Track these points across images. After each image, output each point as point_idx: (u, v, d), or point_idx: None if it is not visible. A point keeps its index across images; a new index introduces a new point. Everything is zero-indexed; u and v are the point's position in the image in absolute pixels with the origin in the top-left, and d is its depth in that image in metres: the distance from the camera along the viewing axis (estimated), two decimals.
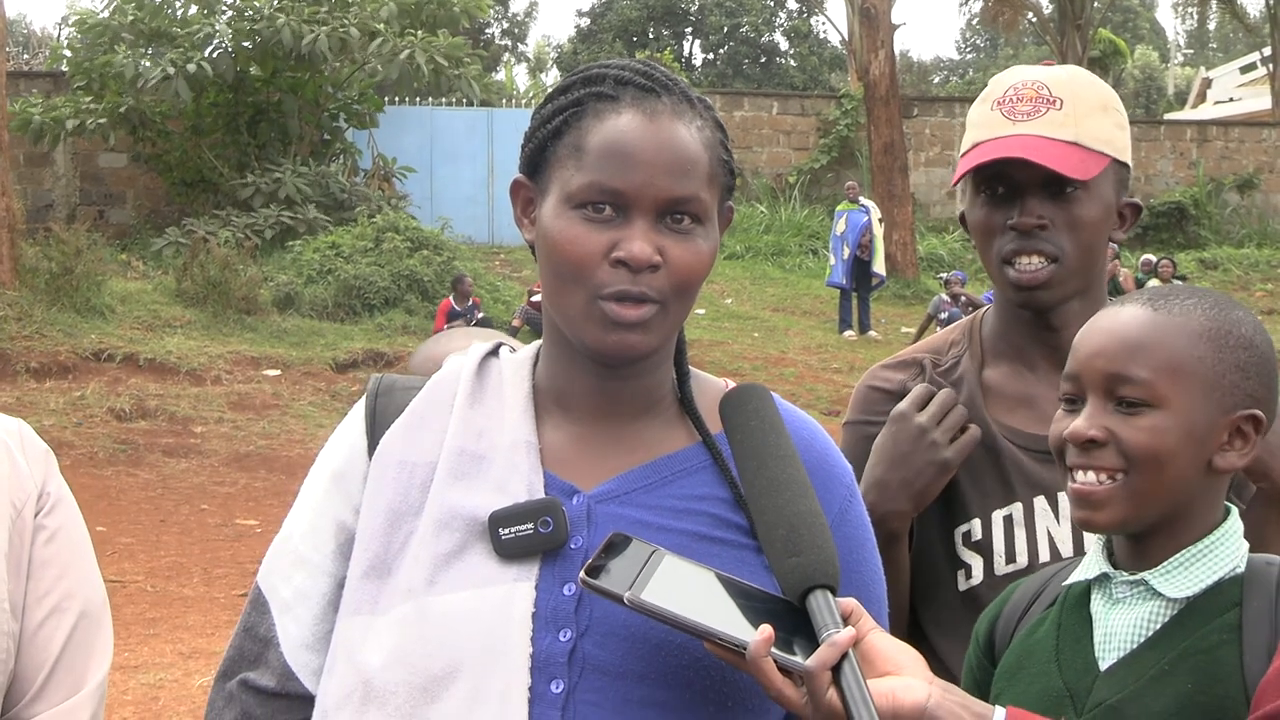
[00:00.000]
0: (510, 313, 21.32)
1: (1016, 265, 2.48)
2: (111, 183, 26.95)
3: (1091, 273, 2.54)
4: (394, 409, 1.99)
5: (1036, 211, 2.45)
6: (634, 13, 60.12)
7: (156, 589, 10.59)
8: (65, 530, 2.31)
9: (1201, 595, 1.94)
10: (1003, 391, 2.59)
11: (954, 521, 2.53)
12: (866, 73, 28.11)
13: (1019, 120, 2.49)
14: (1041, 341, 2.56)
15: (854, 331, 23.38)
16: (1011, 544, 2.48)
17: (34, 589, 2.25)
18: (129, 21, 24.37)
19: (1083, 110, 2.50)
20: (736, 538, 1.87)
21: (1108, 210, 2.52)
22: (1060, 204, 2.46)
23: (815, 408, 16.92)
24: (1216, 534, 1.97)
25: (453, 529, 1.85)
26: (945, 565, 2.53)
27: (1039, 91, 2.52)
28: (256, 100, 25.41)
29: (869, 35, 27.87)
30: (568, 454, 1.93)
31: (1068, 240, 2.47)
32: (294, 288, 20.78)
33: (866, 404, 2.66)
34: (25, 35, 50.09)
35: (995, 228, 2.50)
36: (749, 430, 1.91)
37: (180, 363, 17.55)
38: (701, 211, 1.87)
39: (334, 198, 24.50)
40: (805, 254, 29.02)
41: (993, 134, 2.50)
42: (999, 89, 2.56)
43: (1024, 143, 2.45)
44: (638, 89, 1.89)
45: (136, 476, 14.22)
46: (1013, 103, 2.52)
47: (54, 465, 2.34)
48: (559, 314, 1.91)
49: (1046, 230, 2.46)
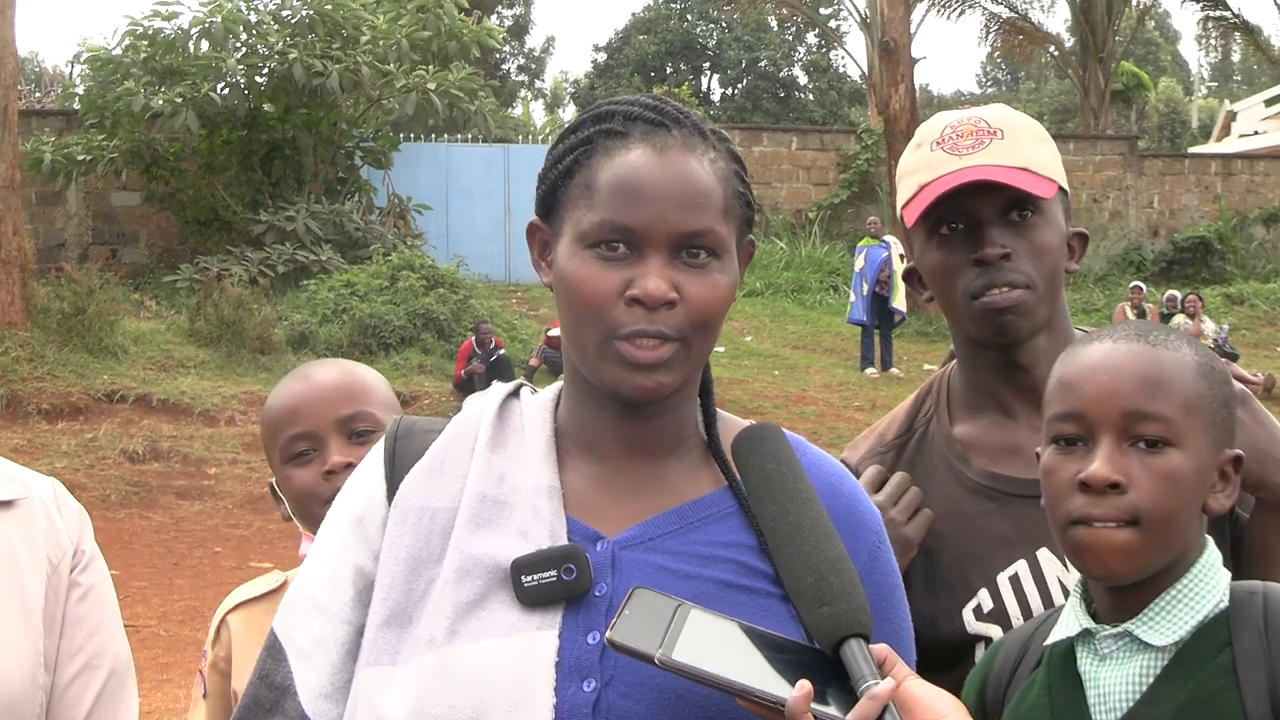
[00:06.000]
0: (528, 351, 21.30)
1: (986, 297, 2.42)
2: (124, 221, 27.00)
3: (1056, 303, 2.50)
4: (414, 452, 1.98)
5: (999, 241, 2.41)
6: (651, 48, 60.34)
7: (170, 633, 10.58)
8: (98, 588, 2.35)
9: (1190, 640, 1.89)
10: (985, 443, 2.54)
11: (958, 600, 2.46)
12: (887, 107, 28.12)
13: (965, 154, 2.46)
14: (1013, 383, 2.51)
15: (876, 369, 23.33)
16: (1025, 605, 2.41)
17: (66, 645, 2.28)
18: (141, 58, 24.43)
19: (1023, 139, 2.49)
20: (763, 586, 1.85)
21: (1063, 238, 2.50)
22: (1020, 232, 2.43)
23: (837, 447, 16.80)
24: (1194, 571, 1.92)
25: (474, 576, 1.83)
26: (957, 649, 2.44)
27: (977, 125, 2.50)
28: (270, 138, 25.44)
29: (889, 69, 27.91)
30: (591, 498, 1.92)
31: (1033, 267, 2.43)
32: (309, 327, 20.79)
33: None
34: (37, 73, 50.40)
35: (956, 266, 2.45)
36: (765, 473, 1.89)
37: (194, 403, 17.57)
38: (717, 245, 1.86)
39: (349, 236, 24.54)
40: (826, 291, 29.00)
41: (940, 171, 2.46)
42: (933, 131, 2.54)
43: (978, 171, 2.42)
44: (647, 124, 1.89)
45: (149, 519, 14.24)
46: (953, 140, 2.49)
47: (88, 524, 2.39)
48: (578, 355, 1.90)
49: (1010, 260, 2.41)
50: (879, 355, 23.65)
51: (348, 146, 26.51)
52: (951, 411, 2.61)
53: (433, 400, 18.83)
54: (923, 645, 2.07)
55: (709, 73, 63.97)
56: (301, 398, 2.78)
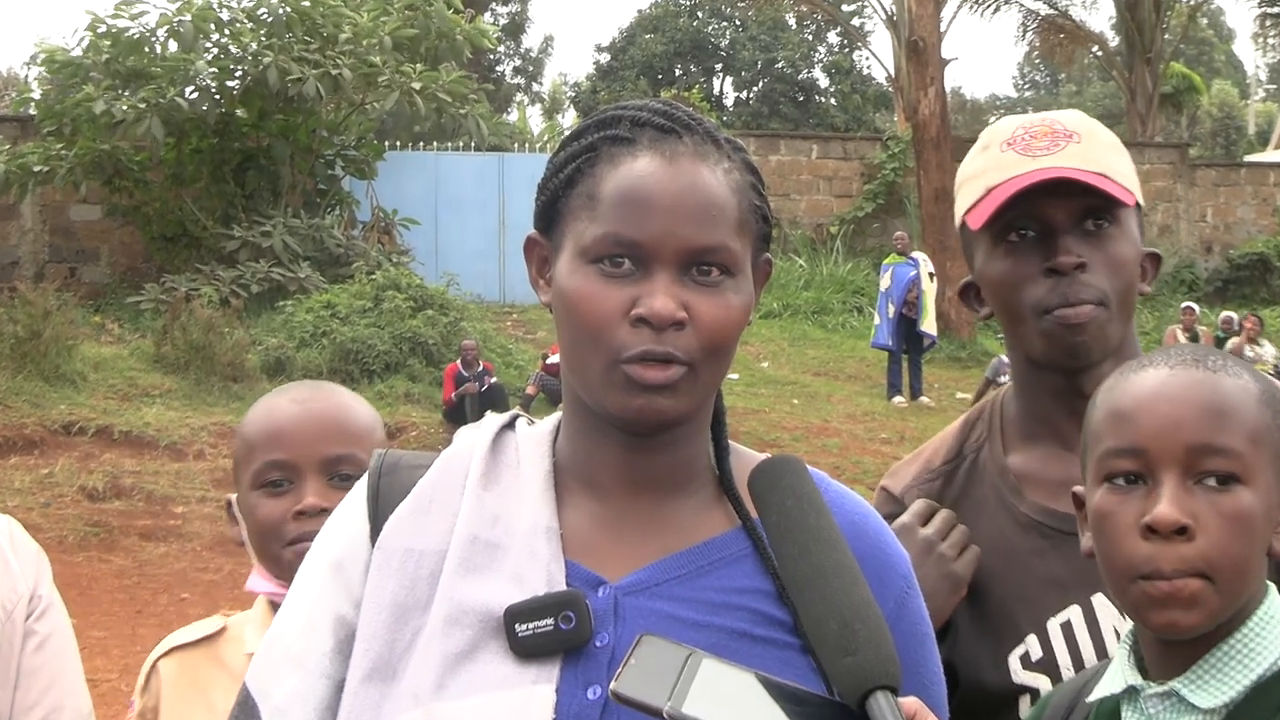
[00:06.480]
0: (524, 378, 21.30)
1: (1058, 312, 2.41)
2: (84, 237, 27.02)
3: (1128, 326, 2.50)
4: (399, 490, 1.97)
5: (1075, 250, 2.40)
6: (659, 48, 60.36)
7: (132, 688, 10.52)
8: (55, 637, 2.32)
9: (1242, 701, 1.84)
10: (1041, 476, 2.52)
11: (1004, 646, 2.44)
12: (915, 112, 28.19)
13: (1039, 155, 2.45)
14: (1074, 412, 2.45)
15: (904, 398, 23.29)
16: (1077, 654, 2.38)
17: (21, 699, 2.25)
18: (103, 60, 24.42)
19: (1102, 144, 2.49)
20: (780, 635, 1.84)
21: (1139, 254, 2.49)
22: (1096, 243, 2.42)
23: (861, 483, 16.85)
24: (1252, 623, 1.87)
25: (464, 625, 1.82)
26: (1001, 699, 2.42)
27: (1052, 127, 2.50)
28: (243, 146, 25.45)
29: (917, 71, 27.96)
30: (592, 540, 1.91)
31: (1108, 282, 2.41)
32: (285, 352, 20.80)
33: (882, 508, 2.59)
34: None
35: (1025, 277, 2.44)
36: (785, 511, 1.87)
37: (159, 436, 17.56)
38: (731, 262, 1.86)
39: (329, 253, 24.55)
40: (849, 312, 29.02)
41: (1011, 173, 2.45)
42: (1002, 133, 2.54)
43: (1055, 171, 2.41)
44: (656, 130, 1.89)
45: (110, 563, 14.21)
46: (1026, 140, 2.49)
47: (46, 567, 2.36)
48: (579, 381, 1.89)
49: (1085, 271, 2.40)
50: (907, 383, 23.60)
51: (328, 155, 26.51)
52: (1005, 439, 2.60)
53: (420, 432, 18.82)
54: (963, 693, 2.05)
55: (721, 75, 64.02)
56: (290, 422, 2.72)
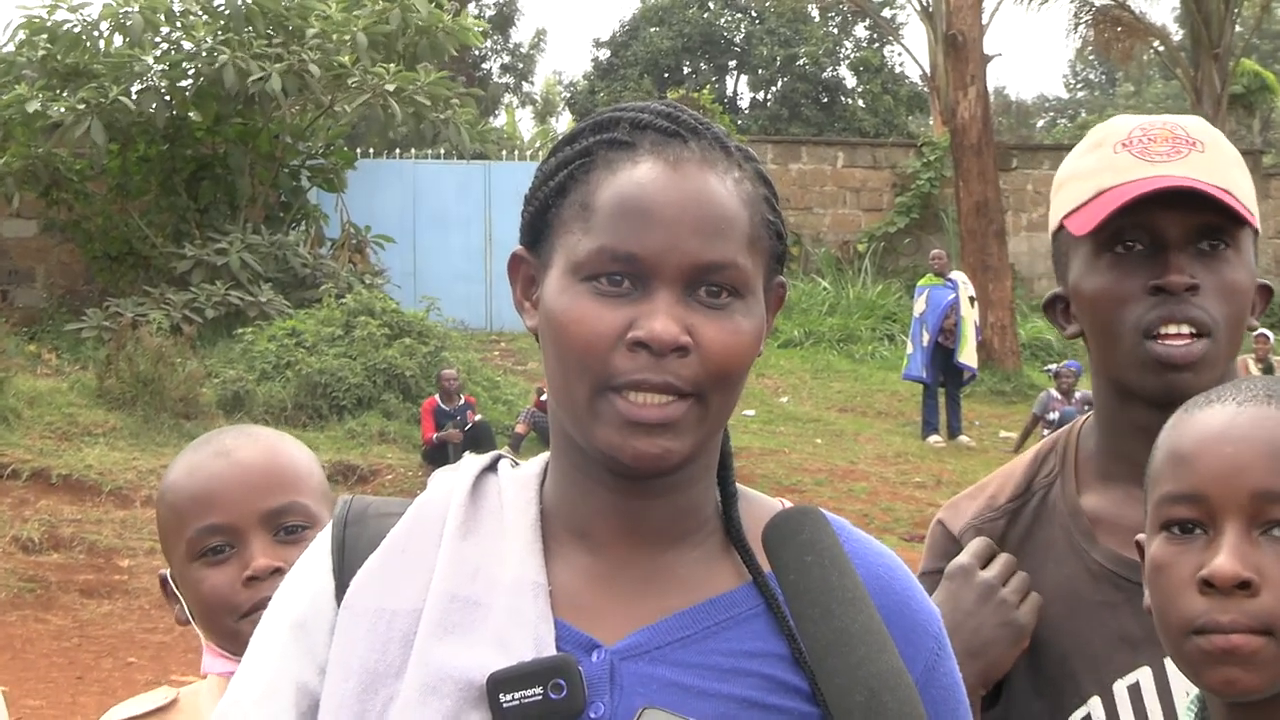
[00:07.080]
0: (513, 415, 21.30)
1: (1162, 338, 2.39)
2: (17, 256, 27.07)
3: (1232, 360, 2.49)
4: (367, 541, 1.96)
5: (1187, 269, 2.39)
6: (665, 43, 60.25)
7: None
8: None
9: None
10: (1118, 521, 2.49)
11: (1064, 708, 2.44)
12: (953, 115, 28.19)
13: (1158, 161, 2.44)
14: None
15: (941, 437, 23.26)
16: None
17: None
18: (39, 57, 24.44)
19: (1226, 159, 2.48)
20: (796, 704, 1.84)
21: (1253, 282, 2.48)
22: (1210, 265, 2.41)
23: (893, 532, 16.85)
24: None
25: (441, 695, 1.81)
26: None
27: (1174, 132, 2.49)
28: (197, 154, 25.50)
29: (956, 69, 27.98)
30: (585, 597, 1.90)
31: (1219, 309, 2.41)
32: (244, 385, 20.79)
33: (938, 547, 2.63)
34: None
35: (1129, 293, 2.43)
36: (804, 568, 1.88)
37: (102, 480, 17.54)
38: (740, 282, 1.85)
39: (293, 273, 24.58)
40: (879, 340, 29.03)
41: (1128, 177, 2.44)
42: (1118, 132, 2.53)
43: (1178, 180, 2.39)
44: (658, 133, 1.89)
45: (48, 622, 14.21)
46: (1144, 143, 2.48)
47: None
48: (567, 415, 1.89)
49: (1196, 294, 2.39)
50: (944, 420, 23.58)
51: (292, 164, 26.56)
52: (1080, 477, 2.59)
53: (397, 475, 18.81)
54: None
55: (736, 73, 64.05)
56: (220, 481, 2.68)
